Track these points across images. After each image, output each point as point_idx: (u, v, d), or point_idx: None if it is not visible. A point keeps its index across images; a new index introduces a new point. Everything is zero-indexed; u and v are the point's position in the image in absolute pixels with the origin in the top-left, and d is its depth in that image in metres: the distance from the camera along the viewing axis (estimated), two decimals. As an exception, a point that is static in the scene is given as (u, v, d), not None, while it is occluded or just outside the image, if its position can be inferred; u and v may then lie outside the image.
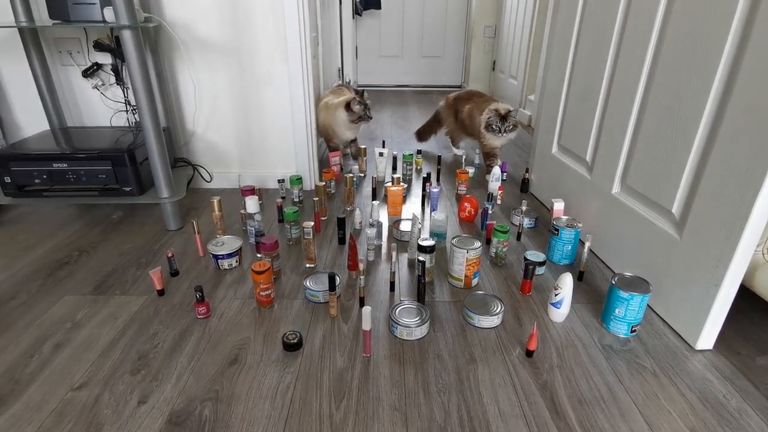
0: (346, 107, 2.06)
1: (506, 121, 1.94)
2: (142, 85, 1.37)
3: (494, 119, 1.94)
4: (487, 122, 1.96)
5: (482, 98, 2.14)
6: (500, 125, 1.94)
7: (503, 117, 1.94)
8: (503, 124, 1.94)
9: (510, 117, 1.95)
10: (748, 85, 0.88)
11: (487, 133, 1.99)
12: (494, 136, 1.98)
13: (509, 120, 1.95)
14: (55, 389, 0.92)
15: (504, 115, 1.94)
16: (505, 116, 1.94)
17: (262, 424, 0.84)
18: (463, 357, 1.01)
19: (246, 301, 1.20)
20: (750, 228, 0.89)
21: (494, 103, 1.99)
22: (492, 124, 1.94)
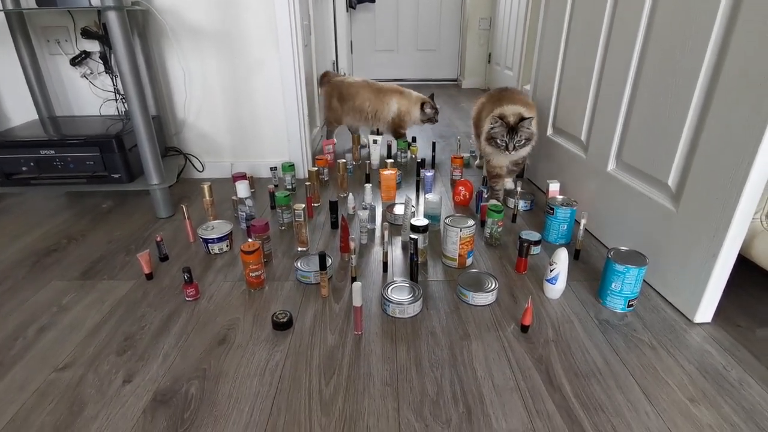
0: (420, 107, 2.13)
1: (516, 134, 1.38)
2: (129, 68, 1.34)
3: (499, 131, 1.40)
4: (489, 134, 1.44)
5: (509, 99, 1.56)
6: (507, 140, 1.39)
7: (512, 128, 1.39)
8: (512, 138, 1.39)
9: (522, 128, 1.39)
10: (741, 51, 0.86)
11: (490, 147, 1.47)
12: (498, 152, 1.46)
13: (521, 132, 1.39)
14: (38, 370, 0.90)
15: (513, 125, 1.39)
16: (515, 127, 1.38)
17: (249, 400, 0.82)
18: (456, 333, 0.99)
19: (236, 283, 1.18)
20: (746, 195, 0.87)
21: (503, 107, 1.46)
22: (496, 137, 1.41)
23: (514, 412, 0.79)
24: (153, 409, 0.80)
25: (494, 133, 1.41)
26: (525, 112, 1.42)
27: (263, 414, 0.79)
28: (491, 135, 1.42)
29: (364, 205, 1.44)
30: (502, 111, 1.43)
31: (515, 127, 1.38)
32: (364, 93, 2.15)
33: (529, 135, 1.41)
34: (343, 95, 2.18)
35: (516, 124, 1.38)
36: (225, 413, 0.79)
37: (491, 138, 1.42)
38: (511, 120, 1.38)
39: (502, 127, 1.39)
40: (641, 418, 0.78)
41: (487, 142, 1.45)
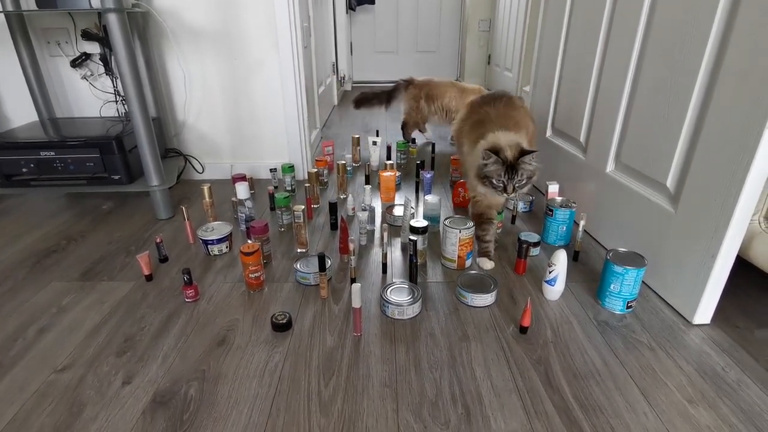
0: None
1: (516, 173, 1.08)
2: (129, 70, 1.35)
3: (495, 169, 1.09)
4: (481, 172, 1.12)
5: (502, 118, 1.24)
6: (505, 180, 1.08)
7: (511, 165, 1.07)
8: (511, 177, 1.08)
9: (523, 165, 1.08)
10: (738, 54, 0.86)
11: (482, 187, 1.14)
12: (493, 192, 1.13)
13: (522, 170, 1.08)
14: (38, 371, 0.90)
15: (512, 161, 1.07)
16: (515, 164, 1.07)
17: (248, 402, 0.82)
18: (455, 335, 0.99)
19: (235, 285, 1.18)
20: (744, 196, 0.88)
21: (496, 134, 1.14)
22: (491, 176, 1.09)
23: (513, 413, 0.79)
24: (152, 410, 0.80)
25: (488, 172, 1.10)
26: (524, 142, 1.13)
27: (262, 415, 0.79)
28: (485, 174, 1.11)
29: (363, 206, 1.45)
30: (495, 142, 1.11)
31: (515, 164, 1.07)
32: (450, 92, 2.25)
33: (531, 173, 1.10)
34: (430, 95, 2.27)
35: (516, 160, 1.08)
36: (224, 414, 0.79)
37: (485, 177, 1.11)
38: (509, 155, 1.08)
39: (497, 164, 1.08)
40: (640, 419, 0.78)
41: (480, 181, 1.13)
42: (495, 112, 1.26)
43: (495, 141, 1.12)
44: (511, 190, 1.09)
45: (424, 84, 2.31)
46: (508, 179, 1.08)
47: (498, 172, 1.08)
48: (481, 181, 1.13)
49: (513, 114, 1.26)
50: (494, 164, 1.09)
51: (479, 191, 1.19)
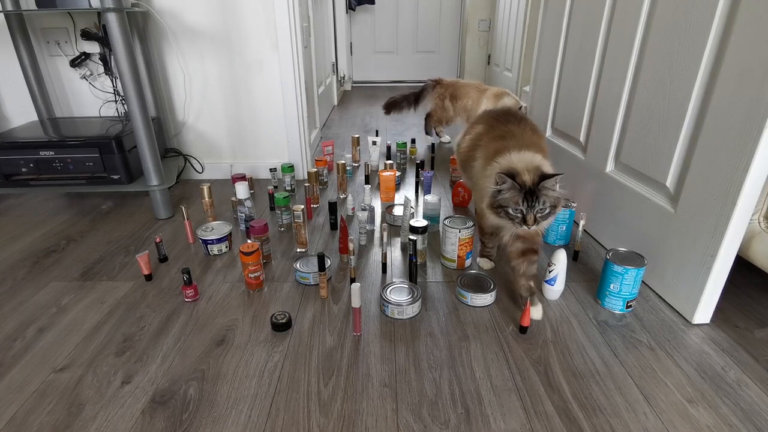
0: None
1: (537, 200, 0.90)
2: (129, 69, 1.35)
3: (511, 196, 0.92)
4: (495, 201, 0.94)
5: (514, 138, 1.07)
6: (523, 208, 0.91)
7: (530, 191, 0.90)
8: (531, 205, 0.90)
9: (545, 192, 0.91)
10: (739, 50, 0.86)
11: (497, 218, 0.97)
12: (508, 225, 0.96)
13: (544, 197, 0.91)
14: (37, 371, 0.90)
15: (531, 186, 0.90)
16: (534, 190, 0.90)
17: (248, 402, 0.82)
18: (455, 334, 0.99)
19: (235, 284, 1.18)
20: (744, 196, 0.88)
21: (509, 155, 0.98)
22: (506, 205, 0.92)
23: (512, 412, 0.79)
24: (152, 410, 0.80)
25: (503, 200, 0.92)
26: (544, 164, 0.96)
27: (262, 415, 0.79)
28: (498, 203, 0.93)
29: (363, 206, 1.44)
30: (511, 164, 0.95)
31: (534, 190, 0.90)
32: (471, 93, 2.29)
33: (556, 200, 0.92)
34: (455, 95, 2.31)
35: (535, 185, 0.90)
36: (224, 414, 0.79)
37: (499, 207, 0.94)
38: (528, 179, 0.90)
39: (514, 190, 0.91)
40: (639, 418, 0.78)
41: (493, 211, 0.95)
42: (509, 131, 1.09)
43: (510, 163, 0.96)
44: (532, 222, 0.91)
45: (450, 84, 2.34)
46: (528, 207, 0.90)
47: (515, 200, 0.90)
48: (495, 211, 0.95)
49: (529, 135, 1.10)
50: (510, 190, 0.91)
51: (492, 223, 1.03)
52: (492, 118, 1.18)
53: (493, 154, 1.02)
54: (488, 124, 1.16)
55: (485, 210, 0.99)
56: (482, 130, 1.17)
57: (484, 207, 1.00)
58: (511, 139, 1.06)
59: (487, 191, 0.98)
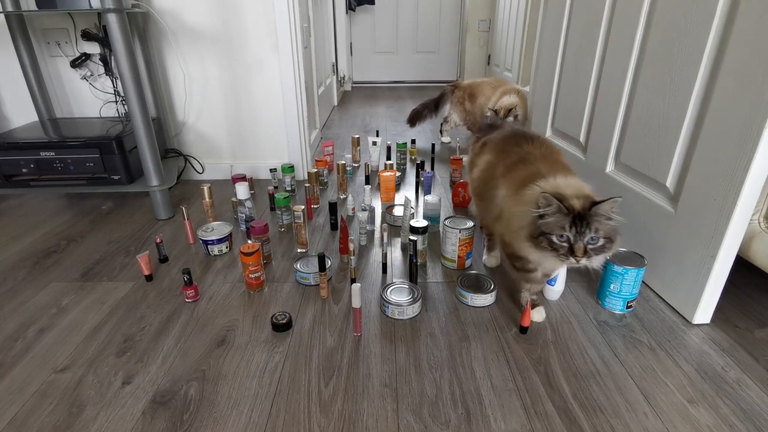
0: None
1: (589, 228, 0.77)
2: (129, 70, 1.35)
3: (556, 221, 0.79)
4: (537, 229, 0.81)
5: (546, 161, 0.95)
6: (572, 235, 0.78)
7: (579, 216, 0.77)
8: (581, 233, 0.78)
9: (598, 218, 0.78)
10: (739, 50, 0.86)
11: (537, 250, 0.82)
12: (552, 257, 0.81)
13: (596, 223, 0.78)
14: (38, 371, 0.90)
15: (581, 211, 0.78)
16: (585, 215, 0.77)
17: (248, 402, 0.82)
18: (455, 335, 0.99)
19: (235, 285, 1.18)
20: (744, 196, 0.88)
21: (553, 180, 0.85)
22: (551, 231, 0.79)
23: (512, 412, 0.79)
24: (152, 411, 0.80)
25: (546, 226, 0.78)
26: (590, 191, 0.82)
27: (262, 415, 0.79)
28: (540, 230, 0.79)
29: (363, 206, 1.45)
30: (555, 187, 0.82)
31: (585, 215, 0.76)
32: (486, 90, 2.28)
33: (611, 231, 0.78)
34: (472, 94, 2.31)
35: (587, 210, 0.77)
36: (224, 414, 0.79)
37: (541, 235, 0.79)
38: (577, 204, 0.77)
39: (560, 214, 0.77)
40: (640, 418, 0.78)
41: (532, 241, 0.81)
42: (529, 154, 0.97)
43: (556, 187, 0.82)
44: (581, 252, 0.76)
45: (467, 86, 2.35)
46: (576, 234, 0.76)
47: (560, 224, 0.77)
48: (534, 241, 0.80)
49: (555, 156, 0.99)
50: (555, 214, 0.78)
51: (532, 257, 0.89)
52: (500, 143, 1.05)
53: (524, 181, 0.88)
54: (499, 150, 1.04)
55: (520, 243, 0.84)
56: (494, 158, 1.03)
57: (519, 238, 0.84)
58: (538, 162, 0.93)
59: (521, 219, 0.83)
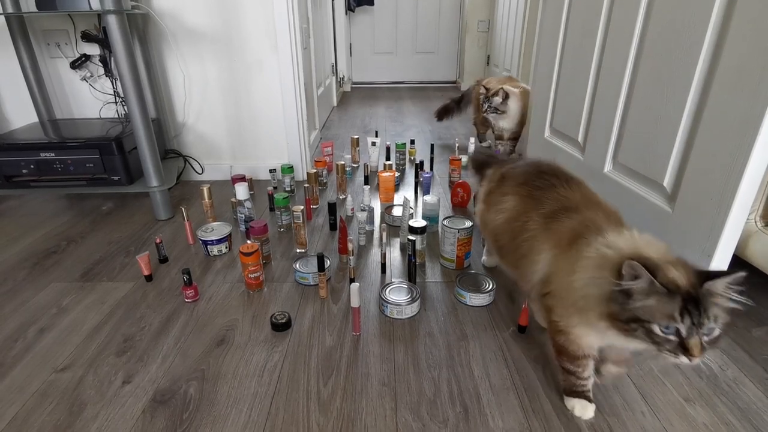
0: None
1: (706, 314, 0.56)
2: (129, 71, 1.35)
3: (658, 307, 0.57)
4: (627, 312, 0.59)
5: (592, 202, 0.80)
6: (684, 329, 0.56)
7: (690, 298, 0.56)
8: (697, 323, 0.56)
9: (714, 298, 0.57)
10: (736, 50, 0.87)
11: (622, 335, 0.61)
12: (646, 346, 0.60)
13: (713, 310, 0.57)
14: (38, 371, 0.90)
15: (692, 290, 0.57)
16: (697, 296, 0.56)
17: (248, 401, 0.83)
18: (454, 334, 0.99)
19: (235, 285, 1.18)
20: (741, 196, 0.88)
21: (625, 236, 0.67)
22: (651, 320, 0.57)
23: (510, 411, 0.80)
24: (152, 410, 0.81)
25: (643, 311, 0.58)
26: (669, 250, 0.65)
27: (262, 414, 0.80)
28: (634, 314, 0.59)
29: (362, 206, 1.45)
30: (635, 248, 0.64)
31: (696, 296, 0.57)
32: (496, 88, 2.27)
33: (726, 316, 0.59)
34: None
35: (697, 288, 0.57)
36: (224, 413, 0.80)
37: (634, 321, 0.59)
38: (680, 278, 0.58)
39: (660, 295, 0.57)
40: (637, 417, 0.79)
41: (616, 325, 0.61)
42: (568, 200, 0.80)
43: (635, 248, 0.63)
44: (698, 350, 0.56)
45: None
46: (692, 327, 0.56)
47: (667, 311, 0.56)
48: (621, 326, 0.60)
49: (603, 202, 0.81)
50: (651, 294, 0.57)
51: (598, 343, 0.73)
52: (526, 184, 0.88)
53: (575, 235, 0.72)
54: (527, 196, 0.86)
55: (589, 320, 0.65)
56: (522, 205, 0.86)
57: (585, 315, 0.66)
58: (583, 209, 0.76)
59: (585, 289, 0.65)
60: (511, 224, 0.87)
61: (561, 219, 0.77)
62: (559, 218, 0.78)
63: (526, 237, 0.82)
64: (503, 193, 0.93)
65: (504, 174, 0.97)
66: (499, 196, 0.94)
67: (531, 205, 0.84)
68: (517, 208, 0.87)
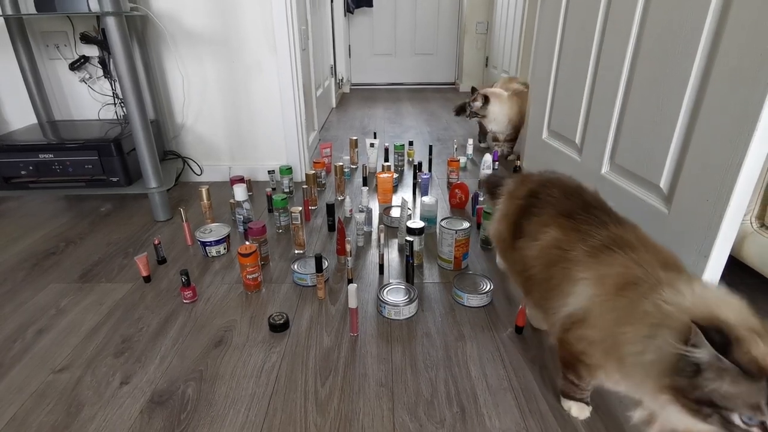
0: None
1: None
2: (127, 73, 1.36)
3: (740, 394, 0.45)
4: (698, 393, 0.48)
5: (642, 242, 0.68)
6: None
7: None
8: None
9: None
10: (730, 51, 0.87)
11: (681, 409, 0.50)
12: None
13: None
14: (36, 372, 0.90)
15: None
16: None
17: (245, 402, 0.83)
18: (451, 334, 1.00)
19: (233, 286, 1.19)
20: (736, 197, 0.89)
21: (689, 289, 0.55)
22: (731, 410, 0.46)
23: (507, 411, 0.80)
24: (150, 410, 0.81)
25: (725, 398, 0.47)
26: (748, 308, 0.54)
27: (259, 414, 0.80)
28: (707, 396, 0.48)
29: (360, 207, 1.46)
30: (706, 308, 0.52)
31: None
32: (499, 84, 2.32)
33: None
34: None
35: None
36: (221, 414, 0.80)
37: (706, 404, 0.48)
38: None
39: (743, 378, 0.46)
40: (634, 416, 0.79)
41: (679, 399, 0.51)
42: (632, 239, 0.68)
43: (707, 307, 0.52)
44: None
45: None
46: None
47: (751, 402, 0.46)
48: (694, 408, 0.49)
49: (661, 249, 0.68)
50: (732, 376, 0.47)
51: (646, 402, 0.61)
52: (570, 217, 0.76)
53: (626, 282, 0.62)
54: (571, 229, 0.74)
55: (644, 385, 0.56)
56: (562, 235, 0.74)
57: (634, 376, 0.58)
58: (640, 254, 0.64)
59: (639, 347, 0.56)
60: (547, 251, 0.75)
61: (611, 254, 0.66)
62: (609, 253, 0.67)
63: (564, 265, 0.70)
64: (542, 224, 0.79)
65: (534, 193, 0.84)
66: (536, 226, 0.80)
67: (576, 237, 0.72)
68: (558, 238, 0.75)
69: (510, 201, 0.92)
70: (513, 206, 0.89)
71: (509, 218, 0.89)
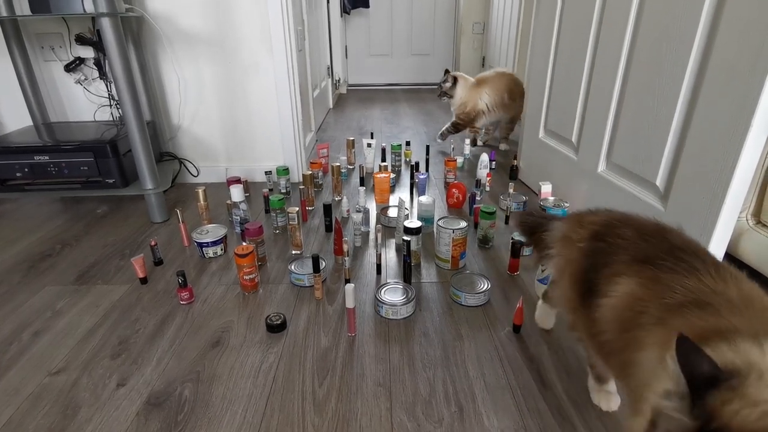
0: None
1: None
2: (123, 74, 1.35)
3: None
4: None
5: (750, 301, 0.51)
6: None
7: None
8: None
9: None
10: (725, 51, 0.88)
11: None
12: None
13: None
14: (33, 374, 0.90)
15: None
16: None
17: (243, 402, 0.82)
18: (449, 334, 1.00)
19: (230, 287, 1.18)
20: (732, 194, 0.89)
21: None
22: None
23: (505, 410, 0.80)
24: (147, 412, 0.80)
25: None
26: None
27: (257, 415, 0.80)
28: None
29: (357, 208, 1.45)
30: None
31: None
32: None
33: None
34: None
35: None
36: (218, 414, 0.80)
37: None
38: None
39: None
40: (631, 414, 0.79)
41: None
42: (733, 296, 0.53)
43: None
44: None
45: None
46: None
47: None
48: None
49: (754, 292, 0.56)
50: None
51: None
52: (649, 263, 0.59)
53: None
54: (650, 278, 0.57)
55: None
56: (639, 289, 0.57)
57: None
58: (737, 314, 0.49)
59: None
60: (620, 313, 0.59)
61: (687, 316, 0.50)
62: (685, 314, 0.51)
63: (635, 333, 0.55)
64: (614, 274, 0.62)
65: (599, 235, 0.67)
66: (607, 277, 0.63)
67: (654, 292, 0.56)
68: (634, 294, 0.58)
69: (568, 248, 0.73)
70: (574, 255, 0.71)
71: (573, 273, 0.70)
